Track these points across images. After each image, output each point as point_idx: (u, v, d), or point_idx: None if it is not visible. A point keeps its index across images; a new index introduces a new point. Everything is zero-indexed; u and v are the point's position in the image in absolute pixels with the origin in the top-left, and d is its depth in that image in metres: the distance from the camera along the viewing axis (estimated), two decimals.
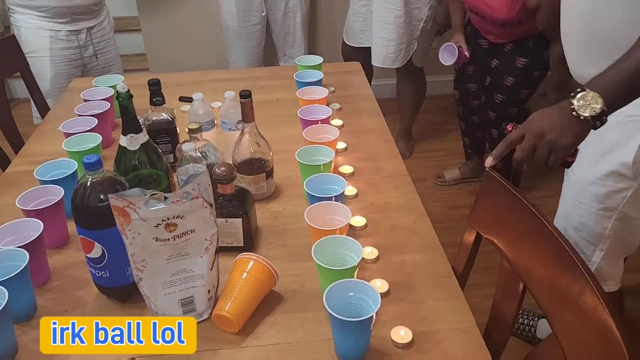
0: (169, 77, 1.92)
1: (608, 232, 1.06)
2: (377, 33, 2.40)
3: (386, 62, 2.45)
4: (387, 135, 1.49)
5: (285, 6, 2.55)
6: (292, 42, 2.66)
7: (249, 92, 1.15)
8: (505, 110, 2.20)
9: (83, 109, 1.44)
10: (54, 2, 1.99)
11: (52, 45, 2.05)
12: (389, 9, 2.31)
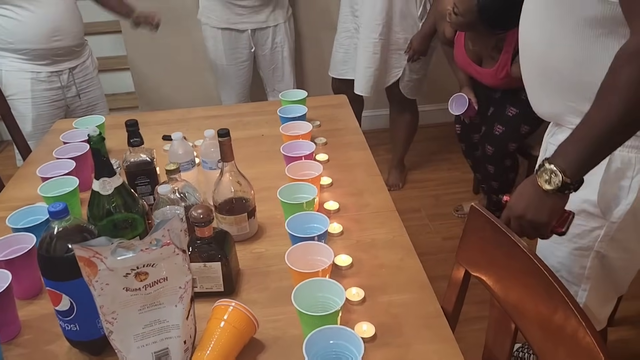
0: (155, 116, 1.92)
1: (588, 272, 1.03)
2: (362, 63, 2.40)
3: (369, 91, 2.43)
4: (374, 169, 1.46)
5: (273, 41, 2.56)
6: (281, 77, 2.67)
7: (227, 131, 1.12)
8: (504, 145, 2.16)
9: (62, 151, 1.41)
10: (34, 44, 1.98)
11: (34, 87, 2.04)
12: (375, 39, 2.32)
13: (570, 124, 1.04)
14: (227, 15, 2.44)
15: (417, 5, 2.30)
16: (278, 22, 2.52)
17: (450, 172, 2.82)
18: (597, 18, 0.90)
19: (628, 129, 0.86)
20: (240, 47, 2.53)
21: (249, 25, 2.48)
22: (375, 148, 2.89)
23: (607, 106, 0.84)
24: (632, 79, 0.81)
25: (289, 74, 2.66)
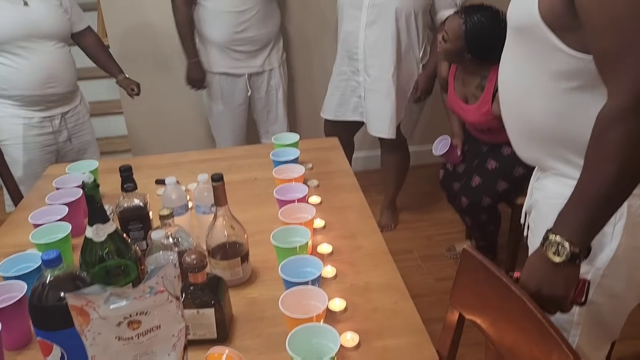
0: (147, 160, 1.93)
1: (577, 318, 1.01)
2: (373, 104, 2.42)
3: (386, 132, 2.45)
4: (367, 211, 1.47)
5: (268, 85, 2.61)
6: (275, 119, 2.71)
7: (220, 176, 1.13)
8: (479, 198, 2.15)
9: (54, 197, 1.41)
10: (27, 91, 2.00)
11: (25, 132, 2.05)
12: (388, 80, 2.35)
13: (552, 169, 1.04)
14: (224, 61, 2.49)
15: (419, 47, 2.36)
16: (273, 67, 2.58)
17: (442, 212, 2.84)
18: (570, 72, 0.91)
19: (624, 191, 0.87)
20: (237, 91, 2.57)
21: (246, 69, 2.53)
22: (367, 189, 2.90)
23: (598, 173, 0.85)
24: (618, 145, 0.81)
25: (283, 116, 2.70)
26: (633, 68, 0.80)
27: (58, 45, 2.06)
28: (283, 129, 2.69)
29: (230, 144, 2.69)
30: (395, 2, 2.22)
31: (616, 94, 0.83)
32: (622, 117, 0.81)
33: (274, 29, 2.53)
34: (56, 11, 2.05)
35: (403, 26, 2.26)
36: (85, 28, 2.22)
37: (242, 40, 2.44)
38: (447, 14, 2.28)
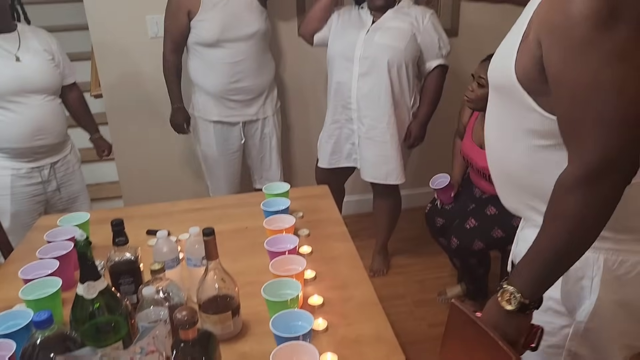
0: (139, 210, 1.94)
1: None
2: (372, 151, 2.46)
3: (389, 179, 2.50)
4: (357, 261, 1.48)
5: (262, 132, 2.64)
6: (269, 165, 2.73)
7: (211, 230, 1.15)
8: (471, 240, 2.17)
9: (45, 251, 1.41)
10: (16, 143, 2.01)
11: (14, 183, 2.05)
12: (383, 129, 2.40)
13: (531, 219, 1.07)
14: (219, 109, 2.53)
15: (410, 96, 2.42)
16: (267, 115, 2.61)
17: (433, 256, 2.84)
18: (544, 131, 0.94)
19: (575, 253, 0.91)
20: (231, 139, 2.60)
21: (240, 118, 2.56)
22: (358, 233, 2.94)
23: (553, 234, 0.89)
24: (573, 211, 0.86)
25: (276, 163, 2.73)
26: (588, 141, 0.84)
27: (49, 98, 2.08)
28: (277, 174, 2.72)
29: (224, 190, 2.70)
30: (386, 55, 2.29)
31: (573, 161, 0.87)
32: (576, 185, 0.85)
33: (269, 79, 2.58)
34: (48, 66, 2.08)
35: (395, 77, 2.33)
36: (72, 83, 2.25)
37: (236, 90, 2.48)
38: (434, 64, 2.37)
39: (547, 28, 0.87)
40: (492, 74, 1.05)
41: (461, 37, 2.94)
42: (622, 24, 0.79)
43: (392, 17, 2.34)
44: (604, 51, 0.80)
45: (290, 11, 2.80)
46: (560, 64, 0.85)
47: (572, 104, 0.85)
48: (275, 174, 2.72)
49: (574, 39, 0.82)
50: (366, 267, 1.48)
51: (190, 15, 2.38)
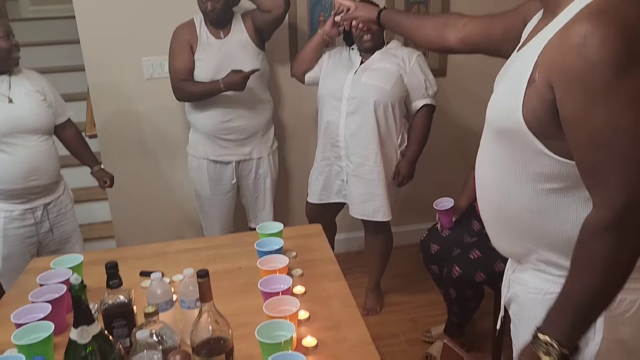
0: (132, 251, 1.94)
1: None
2: (361, 188, 2.50)
3: (377, 215, 2.52)
4: (350, 300, 1.49)
5: (256, 173, 2.65)
6: (262, 206, 2.72)
7: (206, 272, 1.15)
8: (474, 271, 2.16)
9: (37, 294, 1.40)
10: (10, 185, 2.01)
11: (6, 225, 2.04)
12: (370, 166, 2.44)
13: (531, 263, 1.07)
14: (212, 148, 2.55)
15: (397, 134, 2.46)
16: (262, 155, 2.62)
17: (426, 293, 2.84)
18: (553, 174, 0.94)
19: (608, 297, 0.91)
20: (225, 178, 2.61)
21: (234, 157, 2.57)
22: (351, 271, 2.94)
23: (583, 281, 0.89)
24: (605, 255, 0.86)
25: (270, 203, 2.72)
26: (614, 184, 0.85)
27: (42, 139, 2.10)
28: (270, 215, 2.72)
29: (216, 229, 2.70)
30: (373, 95, 2.35)
31: (600, 205, 0.87)
32: (605, 229, 0.86)
33: (264, 119, 2.59)
34: (40, 106, 2.10)
35: (381, 116, 2.38)
36: (66, 120, 2.27)
37: (229, 130, 2.50)
38: (421, 103, 2.43)
39: (560, 72, 0.87)
40: (493, 119, 1.04)
41: (449, 77, 3.02)
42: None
43: (379, 58, 2.41)
44: (625, 95, 0.82)
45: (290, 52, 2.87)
46: (580, 109, 0.85)
47: (593, 147, 0.85)
48: (268, 214, 2.72)
49: (595, 84, 0.82)
50: (359, 305, 1.49)
51: (193, 50, 2.44)
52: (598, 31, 0.82)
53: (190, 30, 2.44)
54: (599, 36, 0.81)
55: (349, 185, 2.53)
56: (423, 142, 2.49)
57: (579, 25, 0.84)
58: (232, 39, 2.44)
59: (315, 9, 2.77)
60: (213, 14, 2.37)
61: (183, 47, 2.42)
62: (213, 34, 2.45)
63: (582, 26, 0.84)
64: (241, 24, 2.48)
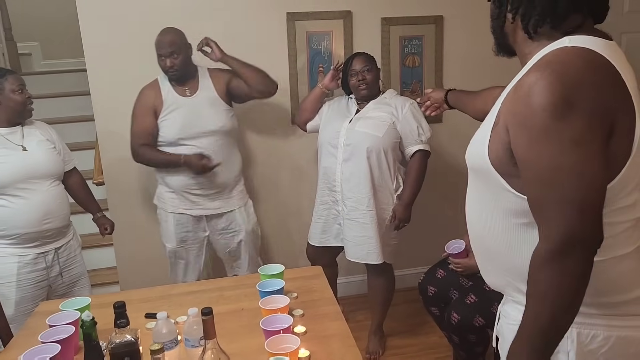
0: (137, 294, 1.98)
1: None
2: (354, 231, 2.56)
3: (369, 258, 2.57)
4: (350, 340, 1.52)
5: (228, 226, 2.61)
6: (236, 259, 2.69)
7: (210, 310, 1.21)
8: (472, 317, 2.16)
9: (47, 335, 1.44)
10: (25, 229, 2.10)
11: (19, 270, 2.10)
12: (363, 211, 2.51)
13: (510, 295, 1.12)
14: (181, 202, 2.52)
15: (392, 179, 2.54)
16: (233, 208, 2.60)
17: (428, 336, 2.84)
18: (518, 210, 1.01)
19: (559, 328, 0.95)
20: (192, 231, 2.57)
21: (203, 212, 2.54)
22: (353, 314, 2.96)
23: (534, 311, 0.95)
24: (548, 285, 0.92)
25: (245, 257, 2.67)
26: (555, 218, 0.92)
27: (54, 184, 2.21)
28: (245, 267, 2.67)
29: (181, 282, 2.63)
30: (366, 143, 2.45)
31: (544, 238, 0.94)
32: (546, 261, 0.92)
33: (233, 174, 2.57)
34: (51, 153, 2.23)
35: (374, 162, 2.47)
36: (72, 168, 2.37)
37: (198, 185, 2.48)
38: (414, 149, 2.50)
39: (512, 117, 0.97)
40: (469, 158, 1.14)
41: (445, 123, 3.12)
42: (576, 114, 0.89)
43: (374, 107, 2.53)
44: (562, 138, 0.90)
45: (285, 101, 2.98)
46: (525, 149, 0.94)
47: (537, 185, 0.94)
48: (243, 267, 2.67)
49: (535, 127, 0.92)
50: (362, 349, 1.51)
51: (157, 114, 2.44)
52: (541, 81, 0.91)
53: (155, 92, 2.45)
54: (541, 85, 0.91)
55: (344, 228, 2.59)
56: (418, 186, 2.54)
57: (527, 76, 0.95)
58: (199, 96, 2.46)
59: (315, 60, 2.91)
60: (173, 70, 2.39)
61: (146, 110, 2.43)
62: (178, 92, 2.45)
63: (530, 76, 0.94)
64: (209, 81, 2.50)
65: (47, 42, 5.02)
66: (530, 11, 1.02)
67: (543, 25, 1.01)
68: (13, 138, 2.15)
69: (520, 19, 1.04)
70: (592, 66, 0.93)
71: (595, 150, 0.90)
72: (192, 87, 2.48)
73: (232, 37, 2.79)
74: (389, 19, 2.91)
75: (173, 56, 2.38)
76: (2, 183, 2.06)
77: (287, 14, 2.82)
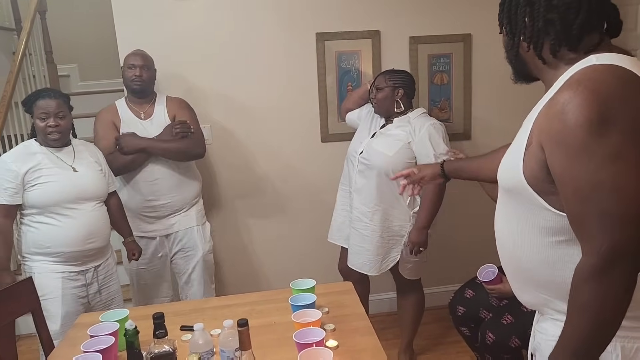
0: (172, 307, 2.03)
1: None
2: (355, 240, 2.59)
3: (363, 269, 2.58)
4: (382, 355, 1.53)
5: (185, 244, 2.61)
6: (191, 283, 2.64)
7: (245, 321, 1.24)
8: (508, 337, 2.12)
9: (88, 345, 1.49)
10: (70, 248, 2.16)
11: (64, 285, 2.16)
12: (366, 223, 2.53)
13: (549, 314, 1.13)
14: (137, 224, 2.56)
15: (404, 196, 2.47)
16: (190, 226, 2.61)
17: (459, 355, 2.81)
18: (556, 228, 1.02)
19: (601, 341, 0.97)
20: (149, 252, 2.58)
21: (158, 232, 2.57)
22: (383, 332, 2.95)
23: (576, 324, 0.97)
24: (592, 299, 0.94)
25: (200, 278, 2.63)
26: (597, 233, 0.93)
27: (99, 205, 2.26)
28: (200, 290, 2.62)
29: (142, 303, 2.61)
30: (378, 160, 2.46)
31: (587, 253, 0.96)
32: (590, 275, 0.94)
33: (191, 194, 2.61)
34: (99, 175, 2.29)
35: (384, 181, 2.45)
36: (113, 191, 2.42)
37: (154, 208, 2.53)
38: None
39: (547, 135, 0.99)
40: (502, 179, 1.15)
41: (474, 140, 3.12)
42: (613, 129, 0.91)
43: (396, 125, 2.52)
44: (600, 154, 0.92)
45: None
46: (564, 167, 0.96)
47: (577, 201, 0.95)
48: (198, 289, 2.63)
49: (572, 144, 0.94)
50: None
51: (117, 129, 2.49)
52: (575, 98, 0.94)
53: (112, 113, 2.53)
54: (576, 102, 0.94)
55: (350, 233, 2.63)
56: (431, 210, 2.46)
57: (560, 95, 0.98)
58: (154, 121, 2.52)
59: (344, 79, 2.96)
60: (139, 80, 2.48)
61: (107, 126, 2.49)
62: (134, 114, 2.53)
63: (562, 95, 0.97)
64: (164, 108, 2.56)
65: (84, 64, 5.21)
66: (544, 37, 1.05)
67: (560, 50, 1.05)
68: (65, 158, 2.22)
69: (533, 47, 1.07)
70: (623, 82, 0.95)
71: (633, 163, 0.92)
72: (147, 112, 2.55)
73: (262, 58, 2.87)
74: (417, 37, 2.95)
75: (144, 69, 2.49)
76: (51, 202, 2.13)
77: (316, 34, 2.89)
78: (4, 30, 4.81)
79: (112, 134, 2.48)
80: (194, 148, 2.52)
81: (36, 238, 2.15)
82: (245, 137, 2.96)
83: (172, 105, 2.59)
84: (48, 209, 2.14)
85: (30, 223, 2.17)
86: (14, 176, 2.11)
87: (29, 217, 2.17)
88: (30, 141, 2.25)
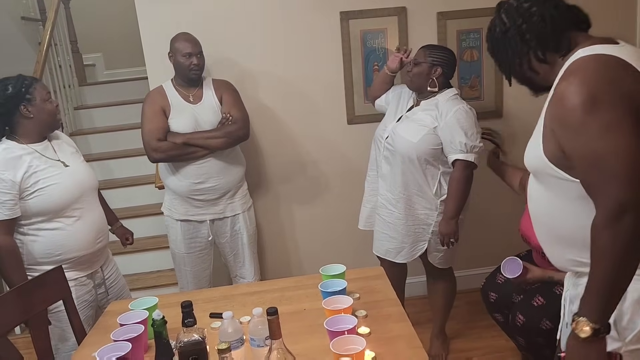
0: (200, 294, 2.02)
1: None
2: (379, 226, 2.55)
3: (388, 256, 2.54)
4: (416, 341, 1.49)
5: (232, 229, 2.64)
6: (242, 263, 2.69)
7: (275, 309, 1.20)
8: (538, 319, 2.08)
9: (118, 333, 1.49)
10: (82, 251, 2.03)
11: (77, 293, 2.02)
12: (390, 210, 2.48)
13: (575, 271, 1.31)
14: (185, 208, 2.55)
15: (430, 185, 2.42)
16: (236, 212, 2.61)
17: (495, 339, 2.74)
18: (582, 194, 1.17)
19: (621, 280, 1.11)
20: (199, 237, 2.60)
21: (207, 216, 2.57)
22: (416, 315, 2.89)
23: (599, 268, 1.11)
24: (609, 246, 1.09)
25: (250, 260, 2.69)
26: (605, 191, 1.10)
27: (96, 199, 2.16)
28: (251, 272, 2.69)
29: (191, 287, 2.65)
30: (402, 147, 2.37)
31: (599, 209, 1.11)
32: (605, 225, 1.09)
33: (236, 177, 2.59)
34: (86, 166, 2.17)
35: (408, 167, 2.38)
36: None
37: (201, 190, 2.51)
38: (452, 158, 2.33)
39: (553, 120, 1.18)
40: (528, 162, 1.31)
41: (505, 118, 3.02)
42: (602, 106, 1.09)
43: (423, 108, 2.41)
44: (595, 127, 1.10)
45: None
46: (570, 143, 1.14)
47: (585, 169, 1.13)
48: (249, 271, 2.69)
49: (573, 124, 1.12)
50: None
51: (166, 114, 2.47)
52: (569, 87, 1.14)
53: (162, 96, 2.50)
54: (570, 90, 1.13)
55: (375, 219, 2.59)
56: (459, 198, 2.36)
57: (558, 86, 1.19)
58: (204, 104, 2.50)
59: (370, 58, 2.87)
60: (197, 69, 2.46)
61: (157, 111, 2.46)
62: (183, 97, 2.50)
63: (560, 86, 1.18)
64: (212, 91, 2.54)
65: (109, 53, 5.24)
66: (528, 52, 1.28)
67: (547, 51, 1.27)
68: (48, 154, 2.01)
69: (526, 63, 1.30)
70: (606, 66, 1.14)
71: (625, 130, 1.08)
72: (196, 95, 2.52)
73: (286, 38, 2.81)
74: (445, 13, 2.84)
75: (199, 56, 2.47)
76: (59, 206, 1.97)
77: (340, 13, 2.81)
78: (29, 20, 4.86)
79: (161, 120, 2.45)
80: (236, 131, 2.49)
81: (43, 247, 1.98)
82: (270, 120, 2.91)
83: (219, 87, 2.57)
84: (56, 214, 1.97)
85: (35, 232, 1.98)
86: (9, 186, 1.89)
87: (32, 227, 1.97)
88: (7, 142, 1.97)
